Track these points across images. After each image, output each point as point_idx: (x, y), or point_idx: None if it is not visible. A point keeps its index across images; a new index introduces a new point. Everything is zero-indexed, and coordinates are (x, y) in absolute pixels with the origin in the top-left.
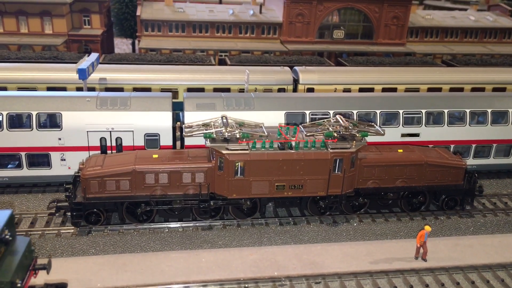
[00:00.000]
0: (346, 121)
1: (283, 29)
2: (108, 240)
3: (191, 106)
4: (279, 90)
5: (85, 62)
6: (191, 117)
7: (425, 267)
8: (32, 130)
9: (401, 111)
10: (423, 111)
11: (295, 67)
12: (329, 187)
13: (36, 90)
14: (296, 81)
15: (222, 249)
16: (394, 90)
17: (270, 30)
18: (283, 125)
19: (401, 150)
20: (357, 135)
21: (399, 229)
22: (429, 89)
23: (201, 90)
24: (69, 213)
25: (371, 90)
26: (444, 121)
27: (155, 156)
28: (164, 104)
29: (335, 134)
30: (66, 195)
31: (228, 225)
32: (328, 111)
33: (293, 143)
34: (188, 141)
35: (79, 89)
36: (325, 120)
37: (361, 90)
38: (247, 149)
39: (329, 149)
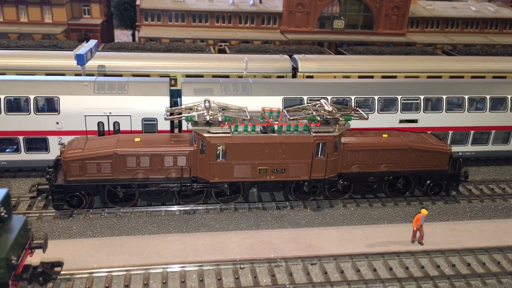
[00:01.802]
0: (330, 105)
1: (283, 19)
2: (105, 222)
3: (188, 91)
4: (278, 78)
5: (83, 48)
6: (188, 102)
7: (421, 249)
8: (30, 114)
9: (399, 97)
10: (422, 97)
11: (294, 56)
12: (312, 171)
13: None
14: (295, 70)
15: (219, 232)
16: (394, 78)
17: (270, 20)
18: (267, 108)
19: (385, 135)
20: (341, 119)
21: (396, 213)
22: (429, 78)
23: (200, 77)
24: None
25: (370, 78)
26: (443, 107)
27: (137, 139)
28: (161, 88)
29: (318, 118)
30: (47, 178)
31: (225, 208)
32: (326, 96)
33: (276, 127)
34: (186, 126)
35: (78, 76)
36: (309, 104)
37: (360, 78)
38: (229, 133)
39: (311, 133)
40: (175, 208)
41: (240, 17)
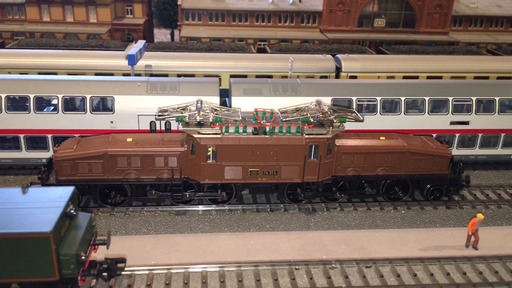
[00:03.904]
0: (326, 106)
1: (323, 17)
2: (159, 220)
3: (238, 91)
4: (322, 78)
5: (134, 48)
6: (238, 102)
7: (477, 255)
8: (86, 113)
9: (450, 98)
10: (474, 98)
11: (337, 55)
12: (305, 173)
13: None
14: (338, 69)
15: (270, 232)
16: (439, 78)
17: (309, 19)
18: (260, 109)
19: (383, 138)
20: (335, 121)
21: (448, 217)
22: (476, 78)
23: (244, 77)
24: None
25: (415, 78)
26: (495, 109)
27: (129, 139)
28: (212, 89)
29: (312, 120)
30: (39, 177)
31: (275, 209)
32: (375, 97)
33: (268, 128)
34: None
35: (126, 75)
36: (304, 106)
37: (405, 78)
38: (219, 133)
39: (304, 135)
40: (226, 207)
41: (280, 16)
